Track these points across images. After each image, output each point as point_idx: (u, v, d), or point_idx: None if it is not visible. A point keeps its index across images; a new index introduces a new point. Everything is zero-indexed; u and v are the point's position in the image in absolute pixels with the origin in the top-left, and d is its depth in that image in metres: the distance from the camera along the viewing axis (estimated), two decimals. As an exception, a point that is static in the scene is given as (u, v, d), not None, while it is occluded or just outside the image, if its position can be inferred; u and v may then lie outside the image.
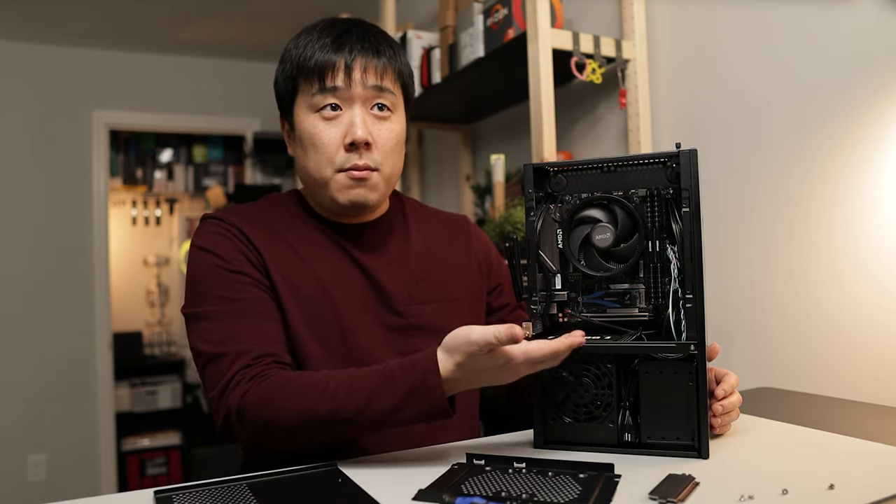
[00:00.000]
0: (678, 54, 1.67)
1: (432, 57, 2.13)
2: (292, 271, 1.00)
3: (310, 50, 1.00)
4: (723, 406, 0.87)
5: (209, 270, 0.98)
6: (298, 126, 1.02)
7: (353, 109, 0.99)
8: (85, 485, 3.59)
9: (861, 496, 0.67)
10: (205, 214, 1.05)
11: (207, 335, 0.95)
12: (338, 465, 0.84)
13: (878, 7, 1.23)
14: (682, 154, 0.84)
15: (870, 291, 1.25)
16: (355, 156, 0.99)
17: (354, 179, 0.99)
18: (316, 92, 0.99)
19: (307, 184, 1.05)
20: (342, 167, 0.99)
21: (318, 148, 0.99)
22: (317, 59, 0.98)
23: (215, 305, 0.96)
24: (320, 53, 0.99)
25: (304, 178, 1.05)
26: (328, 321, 1.00)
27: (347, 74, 0.98)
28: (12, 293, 3.50)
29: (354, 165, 0.99)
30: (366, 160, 0.99)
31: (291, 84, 1.02)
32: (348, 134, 0.98)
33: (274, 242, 1.02)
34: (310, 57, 0.99)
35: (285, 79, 1.03)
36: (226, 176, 4.74)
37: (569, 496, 0.70)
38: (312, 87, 0.99)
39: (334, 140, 0.99)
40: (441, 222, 1.18)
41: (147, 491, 0.78)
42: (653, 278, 0.90)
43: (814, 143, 1.35)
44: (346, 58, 0.98)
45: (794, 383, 1.37)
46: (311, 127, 1.00)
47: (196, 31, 3.59)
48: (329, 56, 0.98)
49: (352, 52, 0.99)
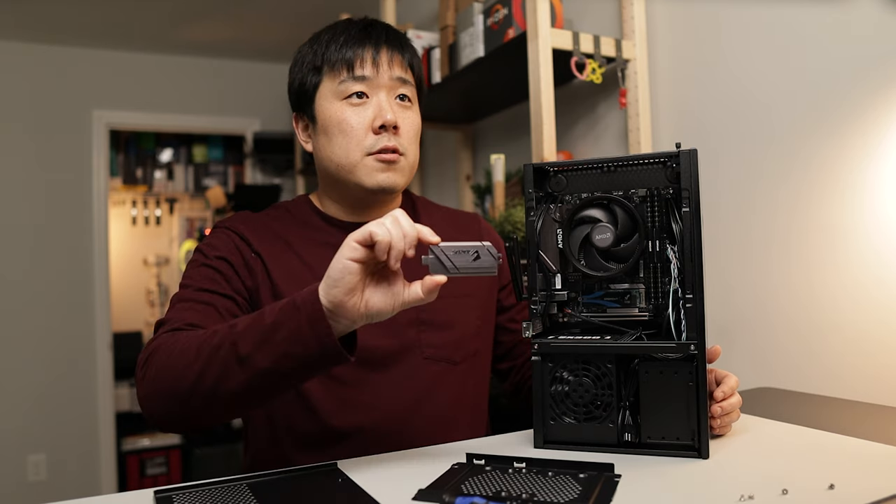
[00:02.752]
0: (678, 54, 1.67)
1: (432, 57, 2.13)
2: (296, 275, 1.01)
3: (335, 44, 1.03)
4: (721, 408, 0.87)
5: (191, 267, 1.02)
6: (322, 114, 1.04)
7: (379, 95, 1.02)
8: (85, 485, 3.59)
9: (861, 496, 0.67)
10: (217, 223, 1.09)
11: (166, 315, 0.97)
12: (338, 465, 0.84)
13: (878, 7, 1.23)
14: (682, 154, 0.84)
15: (870, 291, 1.25)
16: (384, 138, 1.01)
17: (384, 162, 1.01)
18: (345, 79, 1.02)
19: (331, 173, 1.05)
20: (371, 150, 1.01)
21: (346, 132, 1.01)
22: (344, 51, 1.02)
23: (181, 292, 0.99)
24: (347, 45, 1.02)
25: (329, 167, 1.05)
26: None
27: (375, 64, 1.02)
28: (12, 293, 3.50)
29: (385, 147, 1.01)
30: (394, 142, 1.02)
31: (315, 77, 1.05)
32: (378, 117, 1.01)
33: (278, 248, 1.04)
34: (336, 49, 1.02)
35: (307, 71, 1.05)
36: (226, 176, 4.74)
37: (569, 496, 0.70)
38: (340, 76, 1.02)
39: (363, 124, 1.01)
40: (452, 220, 1.19)
41: (147, 491, 0.78)
42: (653, 278, 0.90)
43: (814, 142, 1.35)
44: (373, 49, 1.02)
45: (794, 383, 1.37)
46: (339, 112, 1.02)
47: (196, 31, 3.59)
48: (356, 47, 1.02)
49: (378, 44, 1.03)
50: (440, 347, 1.05)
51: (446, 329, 1.06)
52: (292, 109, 1.11)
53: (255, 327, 0.78)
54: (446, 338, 1.06)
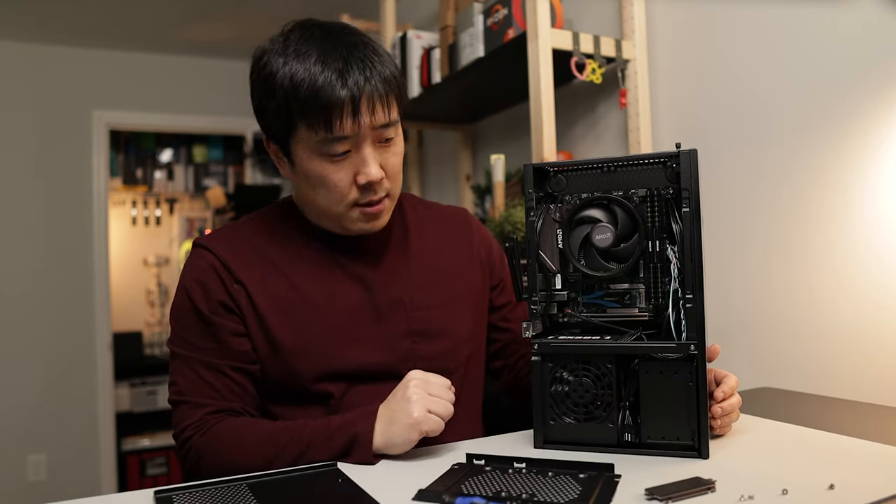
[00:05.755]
0: (678, 54, 1.67)
1: (432, 57, 2.13)
2: (281, 296, 0.99)
3: (307, 85, 0.90)
4: (722, 408, 0.87)
5: (184, 312, 1.00)
6: (301, 165, 0.97)
7: (363, 151, 0.94)
8: (85, 485, 3.59)
9: (861, 496, 0.67)
10: (196, 241, 1.04)
11: (174, 376, 0.99)
12: (338, 465, 0.84)
13: (878, 7, 1.23)
14: (682, 154, 0.84)
15: (870, 291, 1.25)
16: (370, 193, 0.97)
17: (369, 214, 0.99)
18: (322, 140, 0.92)
19: (312, 211, 1.04)
20: (356, 202, 0.98)
21: (329, 188, 0.96)
22: (320, 99, 0.90)
23: (183, 349, 0.99)
24: (322, 93, 0.90)
25: (309, 206, 1.03)
26: (322, 340, 0.99)
27: (355, 117, 0.91)
28: (12, 293, 3.50)
29: (370, 202, 0.98)
30: (380, 194, 0.98)
31: (287, 120, 0.94)
32: (361, 174, 0.95)
33: (261, 269, 1.01)
34: (311, 95, 0.90)
35: (278, 108, 0.93)
36: (226, 176, 4.74)
37: (569, 496, 0.70)
38: (317, 133, 0.92)
39: (345, 181, 0.96)
40: (441, 219, 1.16)
41: (147, 491, 0.78)
42: (653, 278, 0.90)
43: (814, 143, 1.35)
44: (353, 96, 0.90)
45: (794, 383, 1.37)
46: (320, 169, 0.95)
47: (196, 31, 3.59)
48: (333, 96, 0.89)
49: (357, 88, 0.90)
50: (434, 359, 1.03)
51: (440, 338, 1.05)
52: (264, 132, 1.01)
53: (317, 455, 0.89)
54: (440, 347, 1.04)
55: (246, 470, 0.87)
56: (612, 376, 0.86)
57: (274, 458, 0.88)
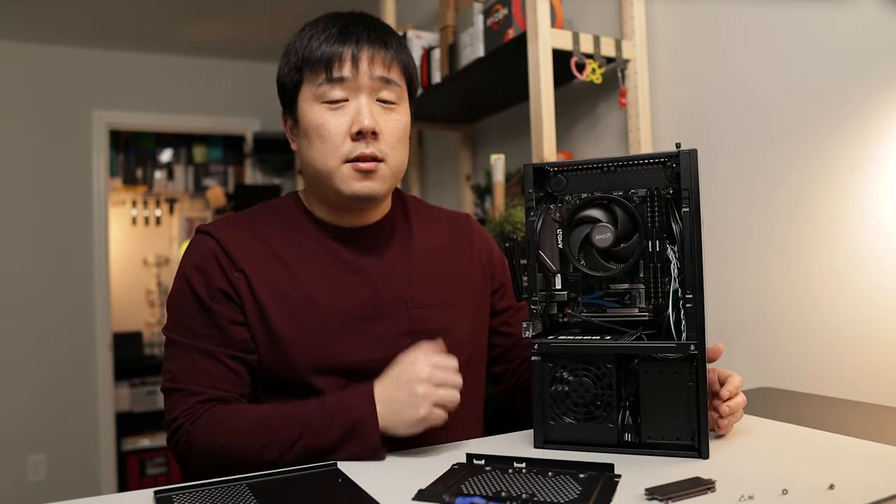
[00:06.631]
0: (678, 54, 1.67)
1: (432, 57, 2.13)
2: (282, 287, 0.99)
3: (315, 41, 0.98)
4: (729, 407, 0.87)
5: (183, 298, 0.99)
6: (303, 117, 1.00)
7: (359, 99, 0.98)
8: (85, 485, 3.59)
9: (861, 496, 0.67)
10: (199, 227, 1.04)
11: (168, 363, 0.98)
12: (338, 465, 0.84)
13: (878, 7, 1.23)
14: (682, 154, 0.84)
15: (870, 291, 1.25)
16: (362, 144, 0.97)
17: (360, 171, 0.98)
18: (322, 82, 0.98)
19: (311, 177, 1.04)
20: (348, 157, 0.98)
21: (323, 138, 0.98)
22: (323, 50, 0.97)
23: (181, 336, 0.98)
24: (326, 44, 0.97)
25: (309, 171, 1.03)
26: (321, 334, 0.98)
27: (354, 65, 0.97)
28: (12, 293, 3.50)
29: (361, 155, 0.97)
30: (372, 149, 0.98)
31: (296, 76, 1.01)
32: (355, 123, 0.97)
33: (263, 259, 1.00)
34: (316, 48, 0.98)
35: (289, 70, 1.02)
36: (226, 176, 4.74)
37: (569, 496, 0.70)
38: (318, 78, 0.98)
39: (340, 129, 0.97)
40: (444, 222, 1.16)
41: (147, 491, 0.78)
42: (653, 278, 0.90)
43: (814, 143, 1.35)
44: (353, 48, 0.97)
45: (794, 383, 1.37)
46: (317, 117, 0.98)
47: (196, 31, 3.59)
48: (335, 46, 0.97)
49: (359, 43, 0.98)
50: None
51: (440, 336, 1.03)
52: (281, 106, 1.08)
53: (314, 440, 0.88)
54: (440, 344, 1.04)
55: (238, 454, 0.86)
56: (612, 376, 0.86)
57: (267, 441, 0.88)
